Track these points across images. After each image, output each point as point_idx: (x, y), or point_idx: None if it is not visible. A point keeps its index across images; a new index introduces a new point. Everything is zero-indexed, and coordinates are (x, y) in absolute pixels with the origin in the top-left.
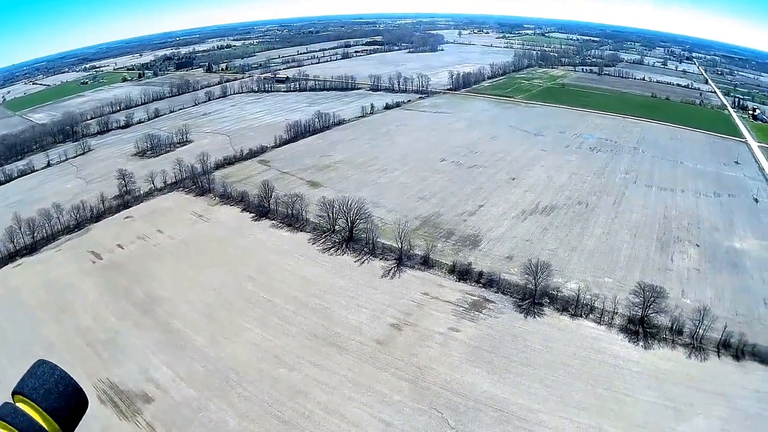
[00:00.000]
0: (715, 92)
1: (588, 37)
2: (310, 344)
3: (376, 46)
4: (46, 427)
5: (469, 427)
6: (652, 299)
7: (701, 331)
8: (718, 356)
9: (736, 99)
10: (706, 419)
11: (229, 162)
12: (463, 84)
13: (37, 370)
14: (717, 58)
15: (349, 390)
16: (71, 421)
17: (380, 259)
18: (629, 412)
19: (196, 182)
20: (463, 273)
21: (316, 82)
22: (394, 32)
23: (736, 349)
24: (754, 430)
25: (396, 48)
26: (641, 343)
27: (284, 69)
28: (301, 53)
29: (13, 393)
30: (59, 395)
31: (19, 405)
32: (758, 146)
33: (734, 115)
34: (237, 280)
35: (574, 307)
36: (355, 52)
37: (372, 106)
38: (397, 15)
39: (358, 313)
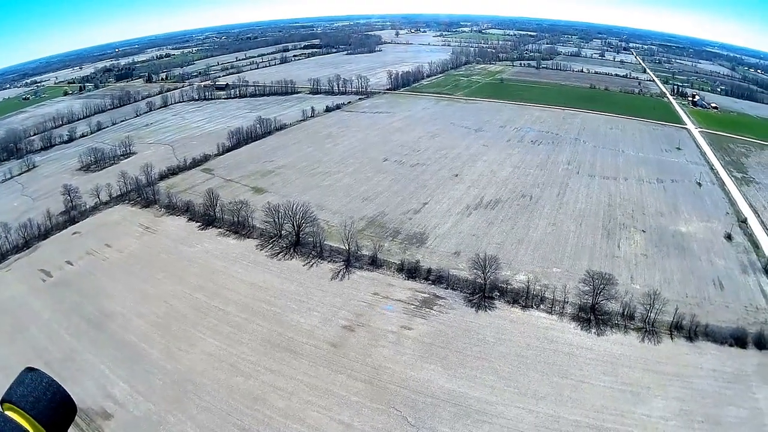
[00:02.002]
0: (653, 81)
1: (525, 32)
2: (264, 350)
3: (314, 50)
4: None
5: (428, 423)
6: (601, 286)
7: (653, 315)
8: (672, 338)
9: (675, 86)
10: (664, 401)
11: (173, 172)
12: (402, 83)
13: (25, 378)
14: (654, 47)
15: (307, 394)
16: (60, 429)
17: (328, 261)
18: (586, 398)
19: (141, 194)
20: (411, 271)
21: (256, 88)
22: (331, 35)
23: (688, 331)
24: (712, 409)
25: (334, 50)
26: (594, 330)
27: (224, 76)
28: (240, 59)
29: (2, 401)
30: (48, 403)
31: (8, 413)
32: (699, 131)
33: (674, 102)
34: (187, 290)
35: (525, 298)
36: (294, 56)
37: (312, 110)
38: (334, 17)
39: (309, 316)
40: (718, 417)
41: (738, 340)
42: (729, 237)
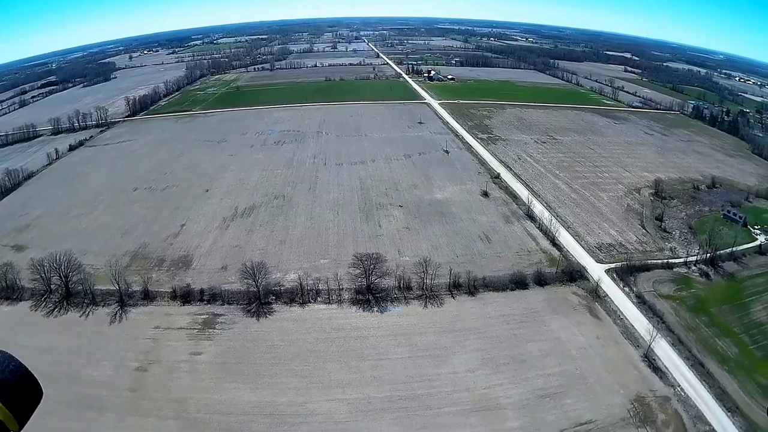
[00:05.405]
0: (388, 63)
1: (256, 36)
2: (69, 414)
3: (51, 87)
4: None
5: None
6: (371, 266)
7: (429, 281)
8: (453, 297)
9: (410, 65)
10: (464, 355)
11: None
12: (140, 108)
13: None
14: (386, 32)
15: None
16: (25, 411)
17: (103, 305)
18: (390, 374)
19: None
20: (185, 296)
21: None
22: (67, 69)
23: (468, 287)
24: (513, 350)
25: (71, 84)
26: (375, 309)
27: None
28: None
29: None
30: (13, 385)
31: None
32: (438, 104)
33: (410, 80)
34: None
35: (300, 295)
36: (32, 97)
37: (57, 151)
38: (67, 50)
39: (100, 367)
40: (521, 355)
41: (518, 283)
42: (486, 194)
